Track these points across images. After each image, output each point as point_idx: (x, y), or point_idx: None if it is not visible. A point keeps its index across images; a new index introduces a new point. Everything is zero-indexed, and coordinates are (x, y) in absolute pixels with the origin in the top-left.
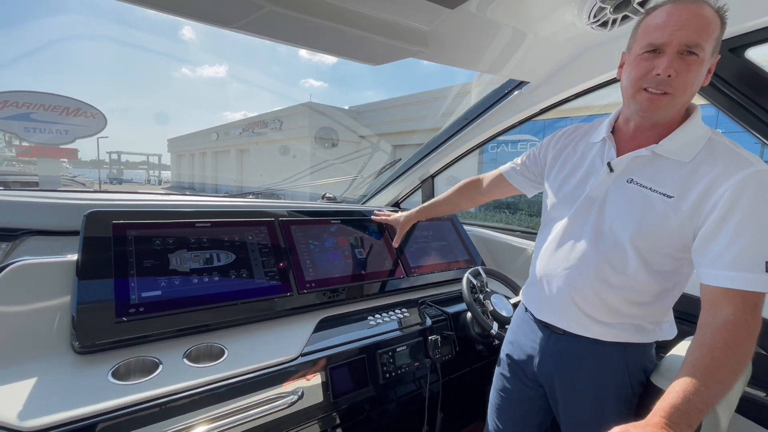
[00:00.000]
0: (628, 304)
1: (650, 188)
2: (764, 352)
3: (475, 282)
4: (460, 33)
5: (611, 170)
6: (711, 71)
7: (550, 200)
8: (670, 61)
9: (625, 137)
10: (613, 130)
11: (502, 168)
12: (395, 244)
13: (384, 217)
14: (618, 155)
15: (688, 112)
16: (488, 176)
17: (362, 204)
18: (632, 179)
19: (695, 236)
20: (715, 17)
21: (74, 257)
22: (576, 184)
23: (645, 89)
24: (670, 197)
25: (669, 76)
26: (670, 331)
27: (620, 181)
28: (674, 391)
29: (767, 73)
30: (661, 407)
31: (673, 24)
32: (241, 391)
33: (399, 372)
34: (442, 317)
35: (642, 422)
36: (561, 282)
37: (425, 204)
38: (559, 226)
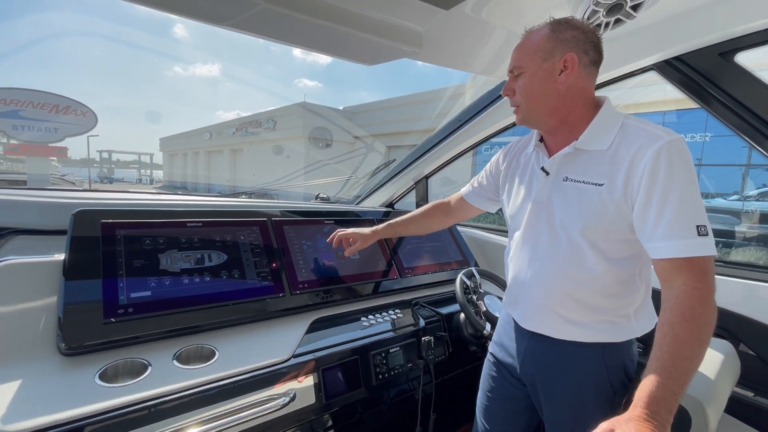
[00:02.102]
0: (599, 296)
1: (582, 181)
2: (752, 353)
3: (468, 283)
4: (454, 34)
5: (547, 173)
6: (569, 68)
7: (507, 213)
8: (506, 84)
9: (552, 142)
10: (542, 138)
11: (463, 190)
12: (346, 254)
13: (343, 234)
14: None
15: (598, 105)
16: (453, 198)
17: (356, 204)
18: (567, 177)
19: None
20: (539, 33)
21: (61, 257)
22: (524, 193)
23: (512, 106)
24: (601, 185)
25: (508, 95)
26: (649, 323)
27: (558, 182)
28: (649, 378)
29: (757, 77)
30: (639, 398)
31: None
32: (232, 393)
33: (392, 373)
34: (435, 318)
35: (625, 416)
36: (532, 289)
37: (393, 221)
38: (519, 236)
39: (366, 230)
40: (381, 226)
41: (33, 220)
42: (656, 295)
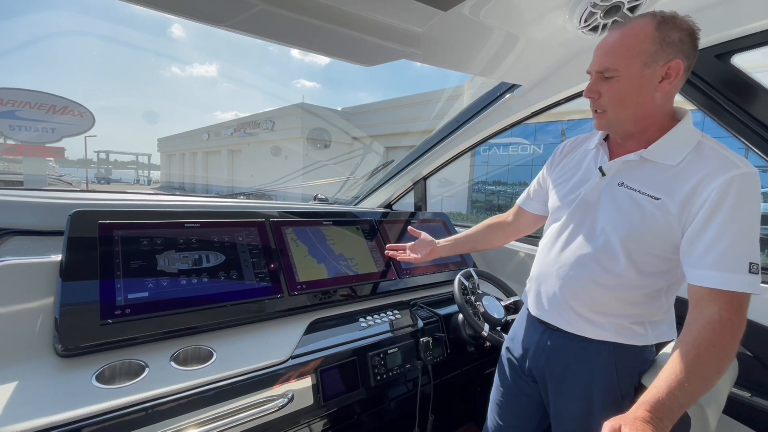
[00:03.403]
0: (620, 303)
1: (639, 191)
2: (749, 353)
3: (467, 283)
4: (452, 35)
5: (603, 174)
6: (673, 75)
7: (550, 205)
8: (590, 85)
9: (617, 144)
10: (607, 137)
11: (518, 200)
12: (419, 261)
13: (401, 257)
14: (610, 160)
15: (677, 118)
16: (510, 212)
17: (354, 205)
18: (623, 183)
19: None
20: (642, 31)
21: (58, 258)
22: (572, 188)
23: (593, 110)
24: (658, 199)
25: (592, 98)
26: (668, 333)
27: (612, 185)
28: (659, 385)
29: (753, 78)
30: (645, 400)
31: (595, 52)
32: (230, 394)
33: (390, 374)
34: (433, 319)
35: (629, 415)
36: (554, 281)
37: (454, 238)
38: (556, 228)
39: (426, 247)
40: (442, 244)
41: (30, 221)
42: (679, 304)
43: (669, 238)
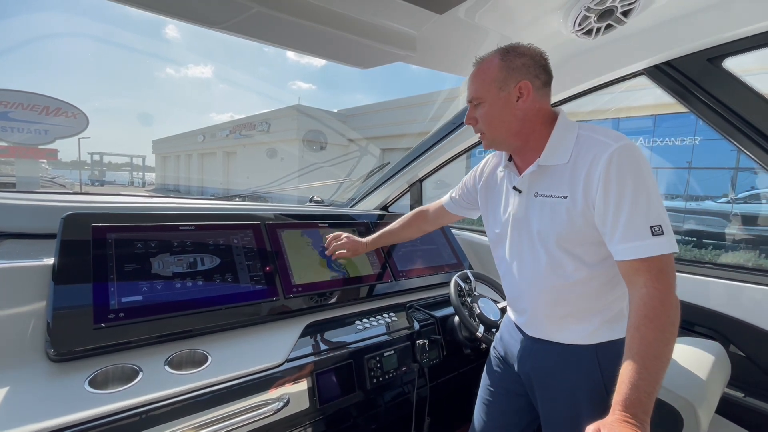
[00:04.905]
0: (587, 300)
1: (550, 195)
2: (742, 354)
3: (463, 285)
4: (448, 38)
5: (519, 191)
6: (525, 94)
7: (490, 228)
8: (467, 113)
9: (520, 161)
10: (511, 157)
11: (443, 200)
12: (333, 257)
13: (337, 245)
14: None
15: (555, 119)
16: (433, 207)
17: (350, 207)
18: (537, 193)
19: None
20: (491, 63)
21: (51, 261)
22: (503, 211)
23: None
24: (565, 197)
25: (471, 124)
26: None
27: (530, 198)
28: (623, 381)
29: (744, 82)
30: (617, 402)
31: (467, 86)
32: (225, 398)
33: (387, 377)
34: (429, 321)
35: (606, 420)
36: (526, 302)
37: (378, 234)
38: (506, 252)
39: (359, 241)
40: (369, 239)
41: (22, 224)
42: None
43: (590, 227)
